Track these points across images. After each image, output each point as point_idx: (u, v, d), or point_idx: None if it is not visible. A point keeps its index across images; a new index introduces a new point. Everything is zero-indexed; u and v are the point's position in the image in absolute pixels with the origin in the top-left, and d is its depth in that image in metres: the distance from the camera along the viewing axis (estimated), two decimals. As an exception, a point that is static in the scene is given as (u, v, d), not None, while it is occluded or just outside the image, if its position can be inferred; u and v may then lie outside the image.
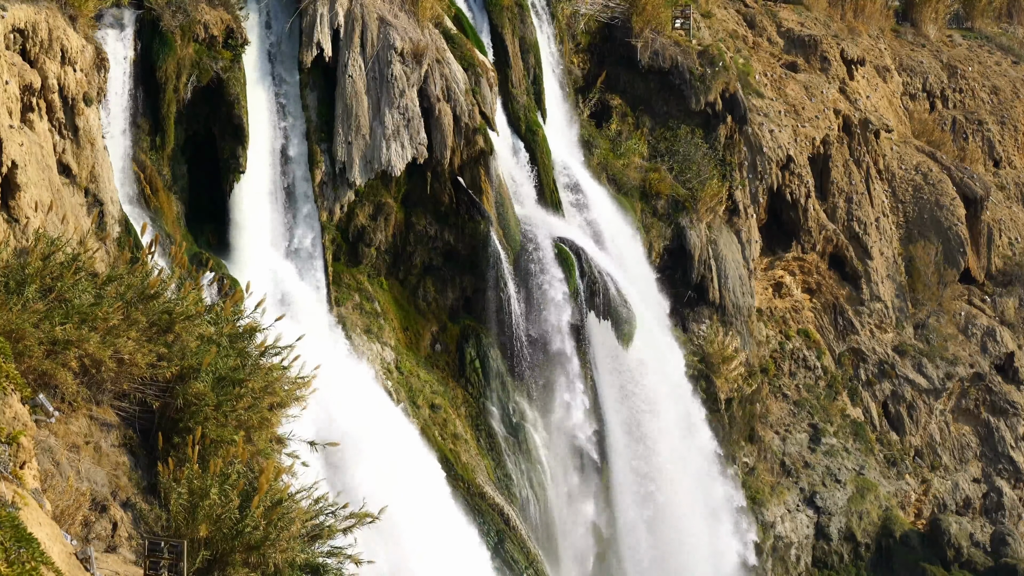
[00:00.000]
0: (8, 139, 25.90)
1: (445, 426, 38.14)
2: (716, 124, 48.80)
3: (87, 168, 29.70)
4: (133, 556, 18.31)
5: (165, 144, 33.99)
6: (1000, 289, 58.52)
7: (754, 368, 49.32)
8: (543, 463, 40.28)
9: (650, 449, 42.92)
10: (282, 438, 21.72)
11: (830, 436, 51.29)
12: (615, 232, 44.64)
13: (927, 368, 54.38)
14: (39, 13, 28.46)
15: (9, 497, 14.71)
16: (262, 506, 18.19)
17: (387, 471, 32.86)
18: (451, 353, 39.83)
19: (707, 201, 47.41)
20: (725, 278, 47.70)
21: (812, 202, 52.73)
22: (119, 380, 20.03)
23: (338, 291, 37.58)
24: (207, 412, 19.85)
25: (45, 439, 18.68)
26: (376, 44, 37.60)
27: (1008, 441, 55.05)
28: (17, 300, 18.70)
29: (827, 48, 57.36)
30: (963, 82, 64.27)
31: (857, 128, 55.40)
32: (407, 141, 37.55)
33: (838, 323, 53.94)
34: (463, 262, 39.69)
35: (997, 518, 53.59)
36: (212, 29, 34.52)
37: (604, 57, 49.03)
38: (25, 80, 27.75)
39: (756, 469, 48.97)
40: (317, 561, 19.14)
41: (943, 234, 56.93)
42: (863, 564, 50.07)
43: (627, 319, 41.77)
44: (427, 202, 39.25)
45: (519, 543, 37.68)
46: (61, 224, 26.28)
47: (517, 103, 42.88)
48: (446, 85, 38.47)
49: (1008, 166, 63.25)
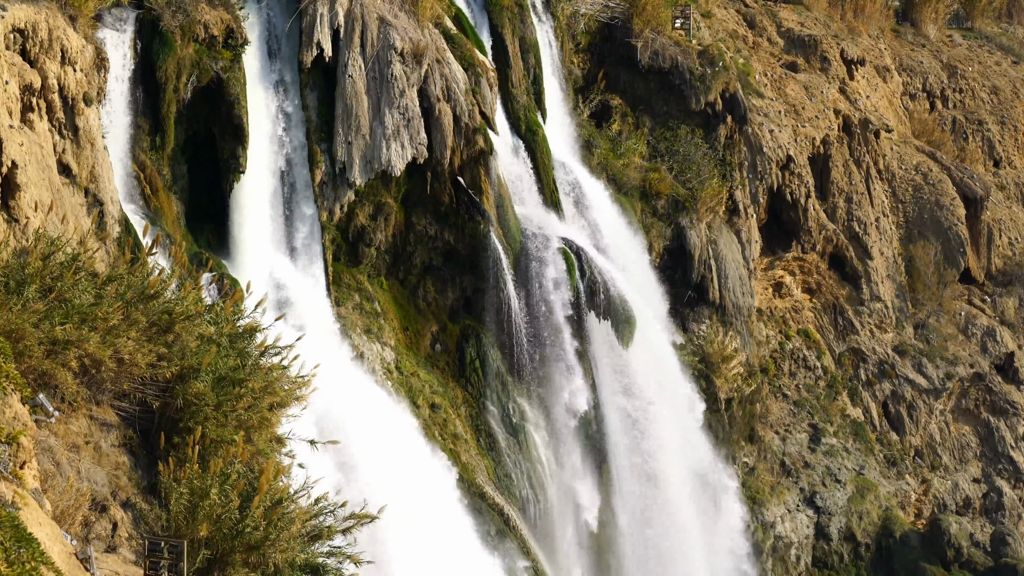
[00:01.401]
0: (8, 139, 25.90)
1: (445, 426, 38.14)
2: (716, 124, 48.79)
3: (87, 168, 29.69)
4: (133, 556, 18.32)
5: (165, 144, 33.98)
6: (1000, 289, 58.50)
7: (754, 368, 49.32)
8: (543, 463, 40.27)
9: (650, 449, 42.94)
10: (282, 438, 21.73)
11: (830, 436, 51.28)
12: (615, 232, 44.63)
13: (927, 368, 54.38)
14: (39, 13, 28.45)
15: (9, 497, 14.71)
16: (262, 506, 18.21)
17: (389, 471, 32.85)
18: (451, 353, 39.83)
19: (707, 201, 47.39)
20: (725, 278, 47.70)
21: (812, 202, 52.72)
22: (119, 380, 20.04)
23: (338, 291, 37.57)
24: (207, 412, 19.87)
25: (45, 439, 18.68)
26: (376, 44, 37.60)
27: (1008, 441, 55.04)
28: (17, 300, 18.70)
29: (827, 48, 57.34)
30: (963, 82, 64.25)
31: (857, 128, 55.39)
32: (407, 141, 37.55)
33: (838, 323, 53.93)
34: (463, 262, 39.69)
35: (997, 518, 53.57)
36: (212, 29, 34.51)
37: (604, 57, 49.02)
38: (25, 80, 27.75)
39: (756, 469, 48.96)
40: (317, 561, 19.16)
41: (943, 234, 56.92)
42: (863, 564, 50.06)
43: (627, 319, 41.77)
44: (427, 202, 39.24)
45: (519, 543, 37.68)
46: (61, 224, 26.28)
47: (517, 103, 42.88)
48: (446, 85, 38.47)
49: (1008, 166, 63.23)
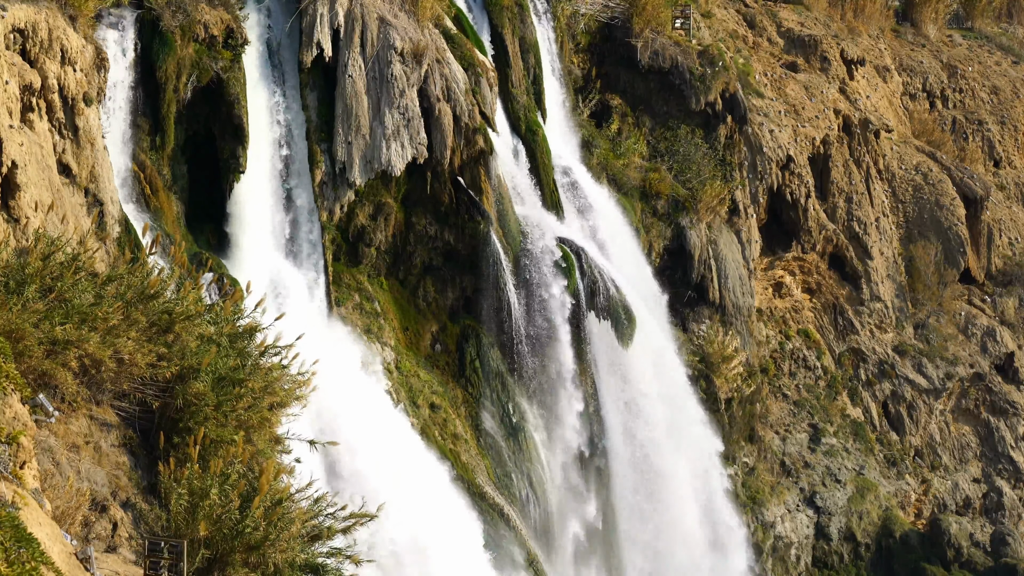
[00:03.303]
0: (8, 139, 25.90)
1: (445, 426, 38.14)
2: (716, 124, 48.79)
3: (87, 168, 29.69)
4: (133, 556, 18.32)
5: (165, 144, 33.98)
6: (1000, 289, 58.49)
7: (754, 368, 49.32)
8: (543, 463, 40.27)
9: (650, 449, 42.94)
10: (281, 438, 21.72)
11: (830, 436, 51.28)
12: (615, 232, 44.62)
13: (927, 368, 54.38)
14: (39, 13, 28.45)
15: (9, 497, 14.71)
16: (262, 506, 18.20)
17: (389, 470, 32.86)
18: (451, 353, 39.83)
19: (707, 201, 47.39)
20: (725, 278, 47.69)
21: (812, 202, 52.72)
22: (119, 380, 20.03)
23: (338, 291, 37.57)
24: (207, 412, 19.86)
25: (45, 439, 18.68)
26: (376, 44, 37.59)
27: (1008, 441, 55.04)
28: (17, 300, 18.69)
29: (827, 48, 57.34)
30: (963, 82, 64.25)
31: (857, 128, 55.39)
32: (407, 141, 37.54)
33: (838, 323, 53.93)
34: (463, 262, 39.68)
35: (997, 518, 53.57)
36: (212, 29, 34.51)
37: (604, 57, 49.02)
38: (25, 80, 27.74)
39: (756, 469, 48.96)
40: (317, 561, 19.15)
41: (943, 234, 56.92)
42: (863, 564, 50.06)
43: (627, 319, 41.77)
44: (427, 202, 39.23)
45: (519, 543, 37.67)
46: (61, 224, 26.28)
47: (517, 103, 42.87)
48: (446, 85, 38.47)
49: (1008, 166, 63.23)
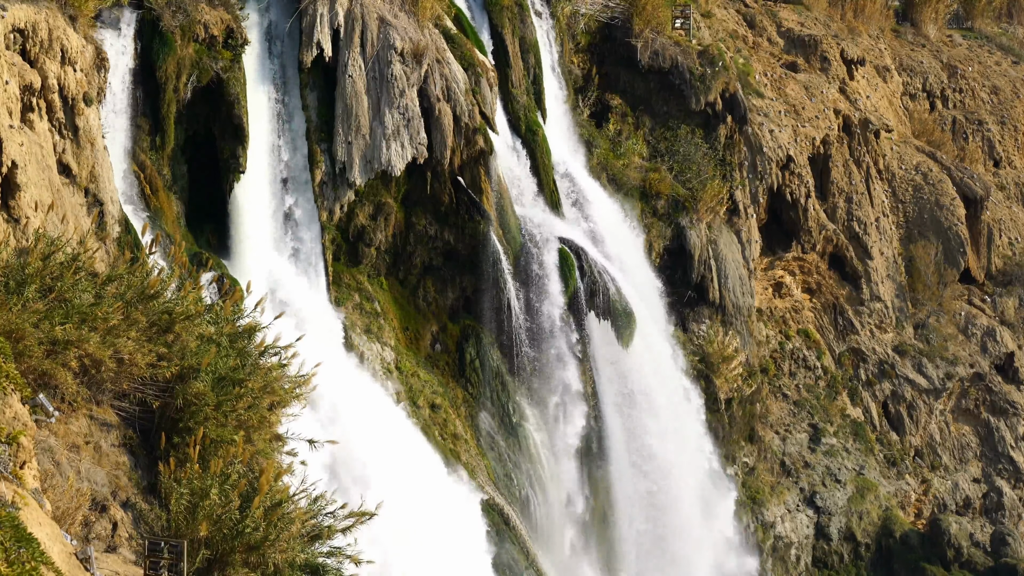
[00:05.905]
0: (8, 139, 25.90)
1: (445, 426, 38.14)
2: (716, 124, 48.78)
3: (87, 168, 29.70)
4: (133, 556, 18.31)
5: (165, 144, 33.99)
6: (1000, 289, 58.49)
7: (754, 368, 49.31)
8: (543, 462, 40.27)
9: (650, 448, 42.95)
10: (282, 437, 21.72)
11: (830, 436, 51.28)
12: (615, 232, 44.62)
13: (927, 368, 54.37)
14: (39, 13, 28.45)
15: (9, 497, 14.71)
16: (262, 506, 18.21)
17: (389, 470, 32.86)
18: (451, 353, 39.83)
19: (707, 201, 47.39)
20: (725, 278, 47.69)
21: (812, 202, 52.72)
22: (119, 380, 20.02)
23: (338, 291, 37.57)
24: (207, 412, 19.84)
25: (45, 439, 18.68)
26: (376, 44, 37.60)
27: (1008, 441, 55.03)
28: (17, 300, 18.69)
29: (827, 48, 57.33)
30: (963, 82, 64.25)
31: (857, 128, 55.39)
32: (407, 141, 37.55)
33: (838, 323, 53.92)
34: (463, 262, 39.69)
35: (997, 518, 53.57)
36: (212, 29, 34.51)
37: (604, 57, 49.01)
38: (25, 80, 27.75)
39: (756, 469, 48.95)
40: (317, 561, 19.15)
41: (943, 234, 56.91)
42: (863, 564, 50.05)
43: (627, 319, 41.78)
44: (427, 202, 39.24)
45: (519, 543, 37.67)
46: (61, 224, 26.29)
47: (517, 103, 42.87)
48: (446, 85, 38.47)
49: (1008, 166, 63.22)
